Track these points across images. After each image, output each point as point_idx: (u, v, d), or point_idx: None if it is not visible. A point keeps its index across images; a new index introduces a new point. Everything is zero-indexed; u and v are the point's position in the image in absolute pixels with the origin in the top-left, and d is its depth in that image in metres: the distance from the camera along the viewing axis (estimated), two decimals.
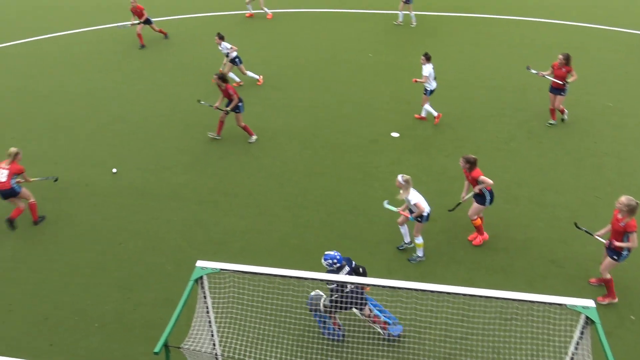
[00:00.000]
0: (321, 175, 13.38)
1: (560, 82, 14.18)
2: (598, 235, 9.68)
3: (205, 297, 7.24)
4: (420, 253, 10.70)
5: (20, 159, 11.66)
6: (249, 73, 17.64)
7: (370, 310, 8.93)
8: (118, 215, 12.35)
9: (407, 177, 10.11)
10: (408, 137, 14.80)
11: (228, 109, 14.26)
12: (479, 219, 10.97)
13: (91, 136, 15.42)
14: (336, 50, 20.08)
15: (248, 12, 23.55)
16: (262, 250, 11.14)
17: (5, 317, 10.03)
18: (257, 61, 19.31)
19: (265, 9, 23.37)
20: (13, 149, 11.53)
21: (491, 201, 10.73)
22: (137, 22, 20.60)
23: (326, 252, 8.61)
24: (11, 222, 11.74)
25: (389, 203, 10.53)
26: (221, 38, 17.13)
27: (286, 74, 18.53)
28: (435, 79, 14.90)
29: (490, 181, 10.45)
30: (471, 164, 10.42)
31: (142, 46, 20.56)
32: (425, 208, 10.26)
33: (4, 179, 11.23)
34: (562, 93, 14.37)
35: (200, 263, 7.16)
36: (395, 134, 14.97)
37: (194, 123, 15.79)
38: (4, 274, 10.97)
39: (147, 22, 20.62)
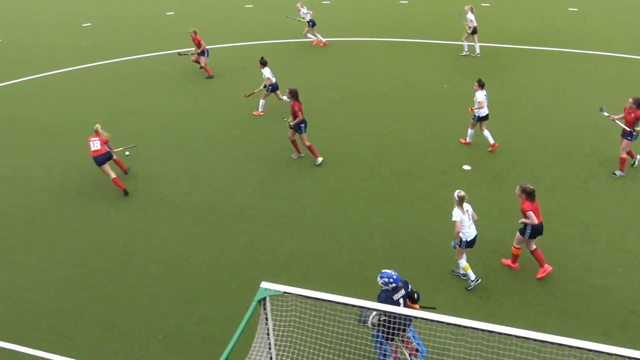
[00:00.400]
0: (387, 204, 13.36)
1: (628, 128, 13.58)
2: None
3: (267, 319, 7.34)
4: (472, 276, 10.57)
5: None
6: (284, 98, 17.47)
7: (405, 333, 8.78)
8: (188, 231, 12.72)
9: (461, 193, 10.14)
10: (480, 170, 14.60)
11: (291, 123, 14.53)
12: (519, 249, 10.85)
13: (168, 153, 16.00)
14: (410, 78, 20.13)
15: (318, 39, 23.97)
16: (324, 275, 11.20)
17: (77, 320, 10.47)
18: (332, 86, 19.58)
19: (319, 36, 23.85)
20: (97, 125, 14.10)
21: (531, 235, 10.56)
22: (194, 51, 21.22)
23: (383, 270, 8.59)
24: (126, 192, 14.11)
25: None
26: (263, 64, 17.48)
27: (359, 100, 18.70)
28: (487, 105, 14.84)
29: (535, 221, 10.32)
30: (527, 194, 10.27)
31: (210, 76, 21.12)
32: (464, 231, 10.16)
33: (99, 147, 13.63)
34: (629, 138, 13.73)
35: (264, 284, 7.27)
36: (466, 167, 14.79)
37: (264, 145, 16.13)
38: (80, 279, 11.48)
39: (202, 53, 21.22)
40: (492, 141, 15.17)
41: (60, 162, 15.89)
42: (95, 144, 13.72)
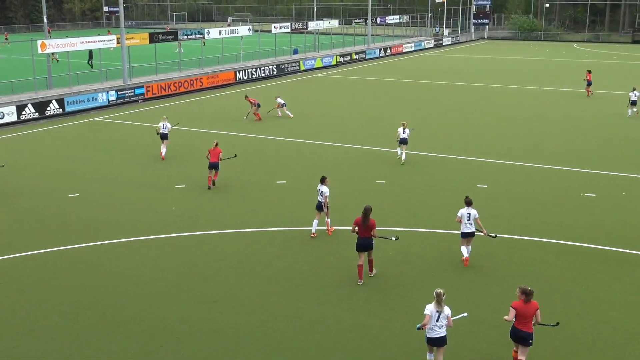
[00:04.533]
0: None
1: None
2: None
3: None
4: None
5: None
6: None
7: None
8: None
9: (439, 291, 11.06)
10: None
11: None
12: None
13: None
14: None
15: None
16: None
17: None
18: None
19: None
20: (215, 140, 22.51)
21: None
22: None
23: None
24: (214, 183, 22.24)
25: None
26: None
27: None
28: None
29: (510, 318, 11.15)
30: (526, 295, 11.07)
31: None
32: (430, 326, 11.10)
33: (215, 158, 21.93)
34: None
35: None
36: None
37: None
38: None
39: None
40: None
41: None
42: (215, 155, 21.94)
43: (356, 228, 14.69)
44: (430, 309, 10.99)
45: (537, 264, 15.85)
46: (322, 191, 17.43)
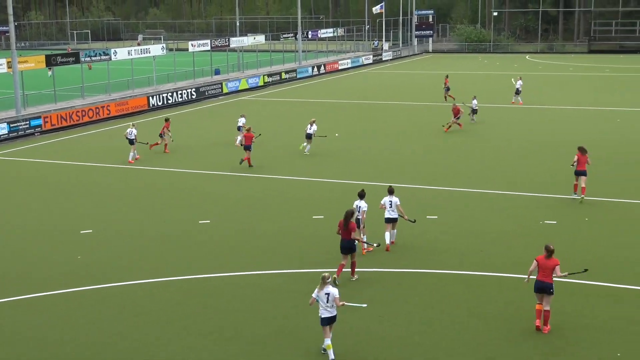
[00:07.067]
0: None
1: None
2: None
3: None
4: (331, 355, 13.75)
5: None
6: None
7: None
8: None
9: (325, 274, 13.79)
10: None
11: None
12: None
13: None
14: None
15: None
16: None
17: None
18: None
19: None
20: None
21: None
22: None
23: None
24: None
25: None
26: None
27: None
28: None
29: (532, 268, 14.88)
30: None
31: None
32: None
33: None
34: None
35: None
36: None
37: None
38: None
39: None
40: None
41: None
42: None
43: (340, 230, 17.45)
44: (315, 292, 13.77)
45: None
46: (359, 207, 19.01)
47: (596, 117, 41.56)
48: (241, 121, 34.84)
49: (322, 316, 13.80)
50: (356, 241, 17.37)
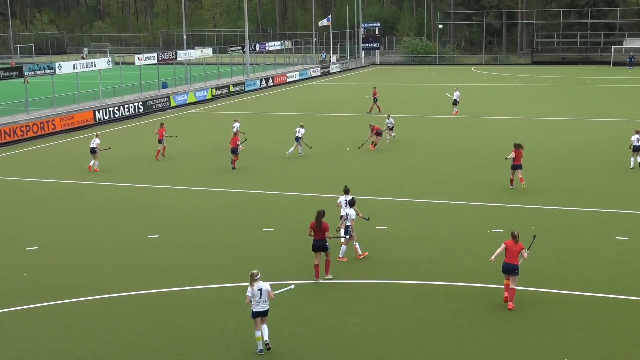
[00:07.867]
0: None
1: None
2: None
3: None
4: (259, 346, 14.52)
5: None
6: None
7: None
8: None
9: (253, 271, 14.52)
10: None
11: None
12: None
13: None
14: None
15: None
16: None
17: None
18: None
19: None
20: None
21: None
22: None
23: None
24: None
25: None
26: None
27: None
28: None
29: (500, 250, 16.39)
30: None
31: None
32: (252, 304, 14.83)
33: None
34: None
35: None
36: None
37: None
38: None
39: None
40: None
41: None
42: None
43: (312, 232, 17.99)
44: (249, 290, 14.40)
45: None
46: (348, 214, 19.58)
47: (541, 127, 42.36)
48: (236, 126, 35.93)
49: (254, 310, 14.47)
50: (327, 240, 18.00)
